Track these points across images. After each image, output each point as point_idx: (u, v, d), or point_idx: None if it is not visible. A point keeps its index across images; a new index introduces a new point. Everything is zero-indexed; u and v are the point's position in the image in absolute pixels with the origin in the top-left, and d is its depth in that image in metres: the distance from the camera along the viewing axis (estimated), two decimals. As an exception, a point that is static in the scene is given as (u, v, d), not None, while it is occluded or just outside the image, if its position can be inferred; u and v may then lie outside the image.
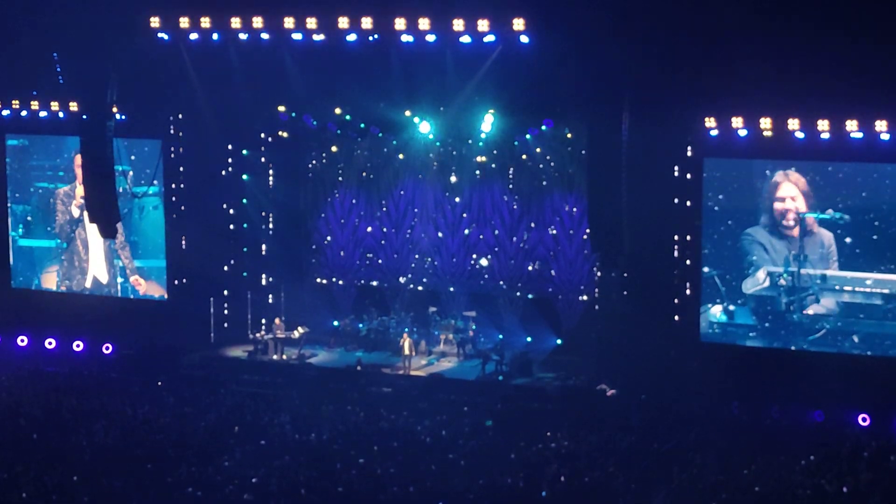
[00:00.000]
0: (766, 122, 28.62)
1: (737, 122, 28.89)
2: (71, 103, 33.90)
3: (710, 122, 29.16)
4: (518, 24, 28.59)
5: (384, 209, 35.72)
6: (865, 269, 28.95)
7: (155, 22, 30.95)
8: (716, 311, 30.31)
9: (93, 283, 36.07)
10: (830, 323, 29.42)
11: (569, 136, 32.49)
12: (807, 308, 29.54)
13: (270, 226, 36.07)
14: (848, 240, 28.97)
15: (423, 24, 29.28)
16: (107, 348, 34.57)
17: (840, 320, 29.34)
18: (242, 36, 30.59)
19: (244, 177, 35.24)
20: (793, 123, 28.39)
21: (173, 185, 34.70)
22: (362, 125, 33.40)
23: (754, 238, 29.82)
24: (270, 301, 35.94)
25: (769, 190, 29.59)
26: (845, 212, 28.93)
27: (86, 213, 33.54)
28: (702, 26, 27.34)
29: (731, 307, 30.18)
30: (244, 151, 35.03)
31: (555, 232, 34.04)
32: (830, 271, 29.21)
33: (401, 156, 35.03)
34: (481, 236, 34.84)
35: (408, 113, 32.18)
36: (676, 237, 30.19)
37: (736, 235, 29.96)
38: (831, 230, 29.14)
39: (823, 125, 28.16)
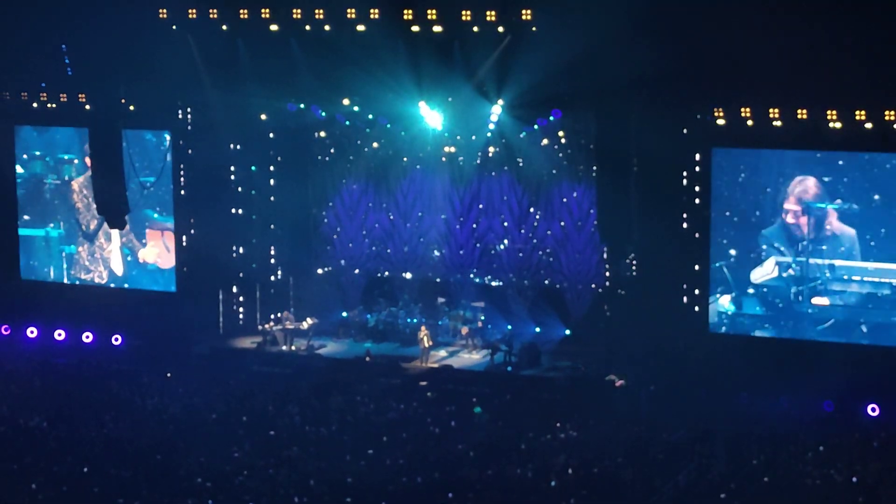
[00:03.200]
0: (774, 112, 28.54)
1: (745, 111, 28.81)
2: (80, 95, 33.91)
3: (718, 112, 29.09)
4: (526, 14, 28.56)
5: (393, 200, 35.71)
6: (875, 259, 28.90)
7: (164, 13, 30.98)
8: (724, 302, 30.27)
9: (109, 275, 36.15)
10: (839, 313, 29.37)
11: (577, 126, 32.42)
12: (815, 298, 29.49)
13: (279, 217, 36.05)
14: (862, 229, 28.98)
15: (432, 13, 29.28)
16: (116, 339, 34.62)
17: (848, 310, 29.29)
18: (251, 27, 30.63)
19: (252, 168, 35.24)
20: (801, 113, 28.32)
21: (182, 176, 34.72)
22: (371, 116, 33.41)
23: (770, 243, 29.74)
24: (280, 291, 35.95)
25: (786, 195, 29.59)
26: (854, 202, 28.86)
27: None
28: (710, 15, 27.25)
29: (740, 297, 30.15)
30: (253, 142, 35.00)
31: (563, 222, 34.01)
32: (839, 261, 29.15)
33: (409, 147, 35.00)
34: (490, 227, 34.83)
35: (417, 103, 32.14)
36: (685, 227, 30.14)
37: (744, 225, 29.89)
38: (850, 225, 29.07)
39: (832, 115, 28.08)
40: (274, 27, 30.61)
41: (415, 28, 29.60)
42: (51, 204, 36.47)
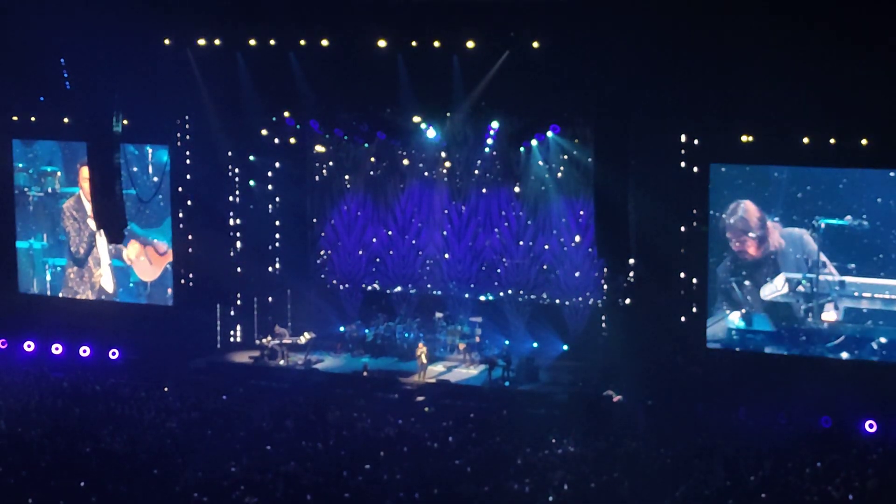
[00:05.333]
0: (771, 129, 28.57)
1: (743, 127, 28.85)
2: (78, 109, 33.88)
3: (715, 128, 29.13)
4: (525, 29, 28.60)
5: (391, 214, 35.74)
6: (885, 276, 28.80)
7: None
8: (734, 318, 30.22)
9: (99, 293, 36.16)
10: (848, 329, 29.26)
11: (575, 141, 32.48)
12: (825, 314, 29.41)
13: (277, 232, 36.09)
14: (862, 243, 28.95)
15: (431, 28, 29.38)
16: (113, 353, 34.60)
17: (858, 327, 29.17)
18: (250, 41, 30.70)
19: (251, 183, 35.29)
20: (799, 129, 28.33)
21: (180, 191, 34.74)
22: (369, 130, 33.45)
23: (726, 281, 29.93)
24: (277, 305, 35.95)
25: (728, 225, 29.76)
26: (866, 217, 28.78)
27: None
28: (709, 33, 27.29)
29: (750, 313, 30.11)
30: (251, 157, 35.09)
31: (561, 238, 34.05)
32: (849, 278, 28.99)
33: (407, 161, 35.08)
34: (488, 242, 34.87)
35: (415, 119, 32.22)
36: (683, 242, 30.15)
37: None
38: (834, 235, 29.02)
39: (830, 131, 28.11)
40: (272, 42, 30.65)
41: (413, 42, 29.63)
42: (34, 216, 36.55)
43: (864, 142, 28.01)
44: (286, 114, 33.35)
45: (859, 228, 28.83)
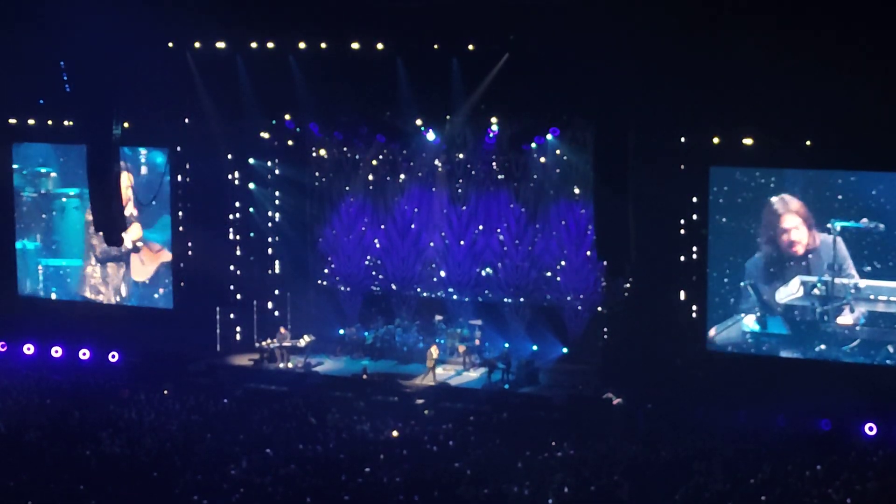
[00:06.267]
0: (772, 131, 28.54)
1: (742, 130, 28.84)
2: (78, 112, 33.88)
3: (715, 131, 29.12)
4: (525, 32, 28.61)
5: (391, 217, 35.72)
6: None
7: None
8: (749, 321, 30.15)
9: (117, 294, 36.23)
10: (864, 333, 29.13)
11: (575, 144, 32.46)
12: (840, 317, 29.30)
13: (276, 235, 36.09)
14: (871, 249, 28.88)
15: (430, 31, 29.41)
16: (113, 356, 34.57)
17: (874, 330, 29.04)
18: (250, 44, 30.69)
19: (251, 185, 35.28)
20: (800, 132, 28.31)
21: (180, 193, 34.73)
22: (368, 133, 33.43)
23: (752, 275, 29.81)
24: (276, 309, 35.93)
25: (769, 220, 29.62)
26: (879, 220, 28.68)
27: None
28: (709, 36, 27.29)
29: (765, 317, 30.05)
30: (251, 160, 35.09)
31: (561, 240, 34.02)
32: (865, 281, 28.90)
33: (407, 164, 35.04)
34: (487, 244, 34.83)
35: (415, 121, 32.21)
36: (683, 245, 30.14)
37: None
38: (848, 236, 28.95)
39: (831, 133, 28.09)
40: (272, 45, 30.65)
41: (413, 45, 29.63)
42: (28, 217, 36.53)
43: (863, 144, 27.97)
44: (286, 117, 33.33)
45: (875, 231, 28.73)
